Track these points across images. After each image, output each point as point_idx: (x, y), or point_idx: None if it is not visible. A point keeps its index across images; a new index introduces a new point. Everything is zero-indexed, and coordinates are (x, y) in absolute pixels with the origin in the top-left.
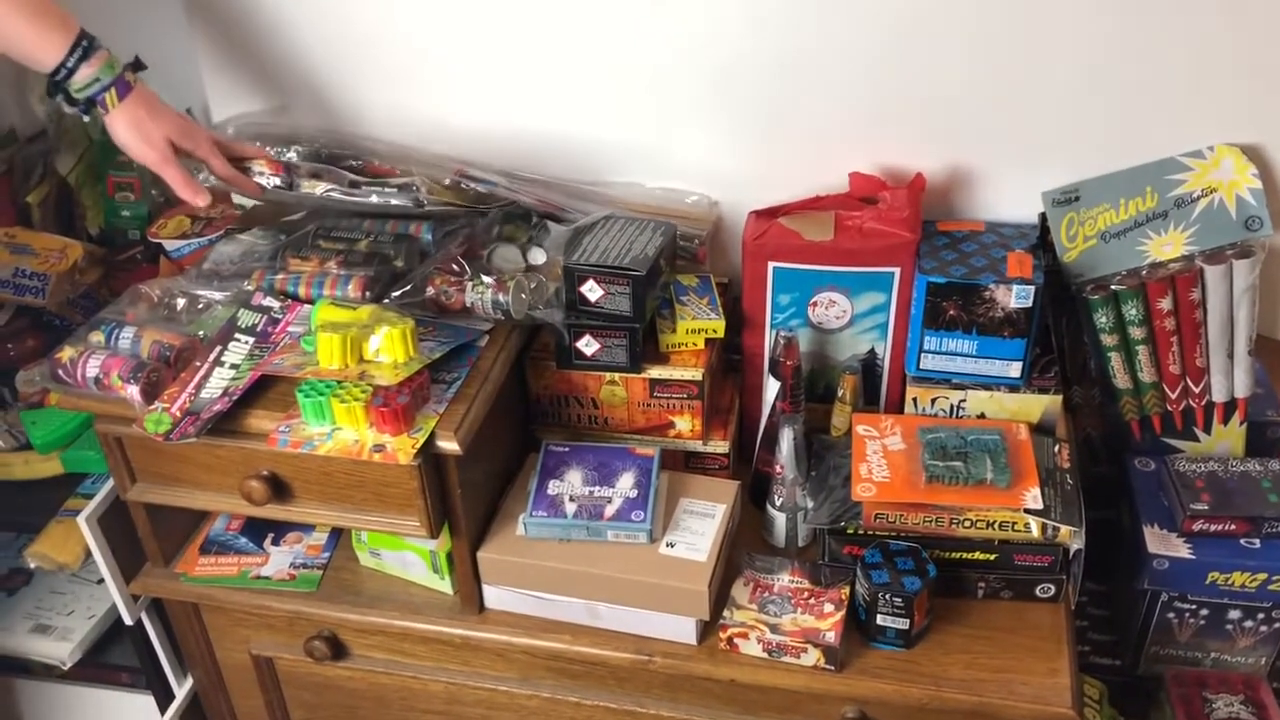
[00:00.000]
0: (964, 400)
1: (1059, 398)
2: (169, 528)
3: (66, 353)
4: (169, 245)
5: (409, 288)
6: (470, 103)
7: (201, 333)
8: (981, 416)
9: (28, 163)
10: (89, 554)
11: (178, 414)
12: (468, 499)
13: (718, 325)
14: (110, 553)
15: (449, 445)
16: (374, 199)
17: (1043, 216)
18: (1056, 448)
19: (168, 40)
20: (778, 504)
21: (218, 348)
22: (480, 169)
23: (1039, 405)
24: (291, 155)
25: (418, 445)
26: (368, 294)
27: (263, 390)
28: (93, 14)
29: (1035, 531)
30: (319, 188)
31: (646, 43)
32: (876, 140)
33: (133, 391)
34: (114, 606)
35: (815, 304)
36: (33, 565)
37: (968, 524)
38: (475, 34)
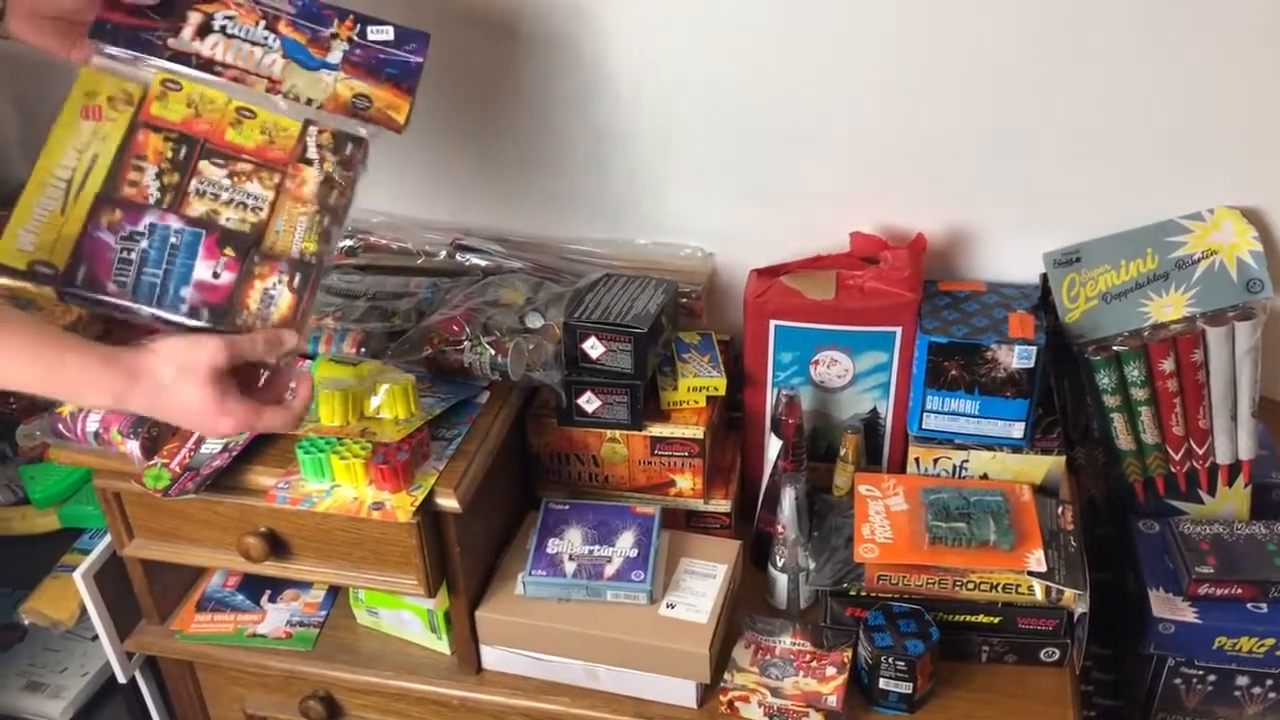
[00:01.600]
0: (966, 460)
1: (1062, 459)
2: (166, 584)
3: (67, 408)
4: None
5: (406, 346)
6: (465, 166)
7: None
8: (984, 477)
9: None
10: (84, 610)
11: (177, 469)
12: (466, 557)
13: (719, 383)
14: (105, 609)
15: (448, 503)
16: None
17: (1044, 277)
18: (1060, 509)
19: None
20: (779, 565)
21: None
22: (476, 235)
23: (1042, 466)
24: None
25: (417, 503)
26: (363, 350)
27: (262, 446)
28: None
29: (1039, 594)
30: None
31: (642, 99)
32: (877, 200)
33: (132, 447)
34: (108, 664)
35: (817, 363)
36: (27, 622)
37: (971, 586)
38: (463, 102)
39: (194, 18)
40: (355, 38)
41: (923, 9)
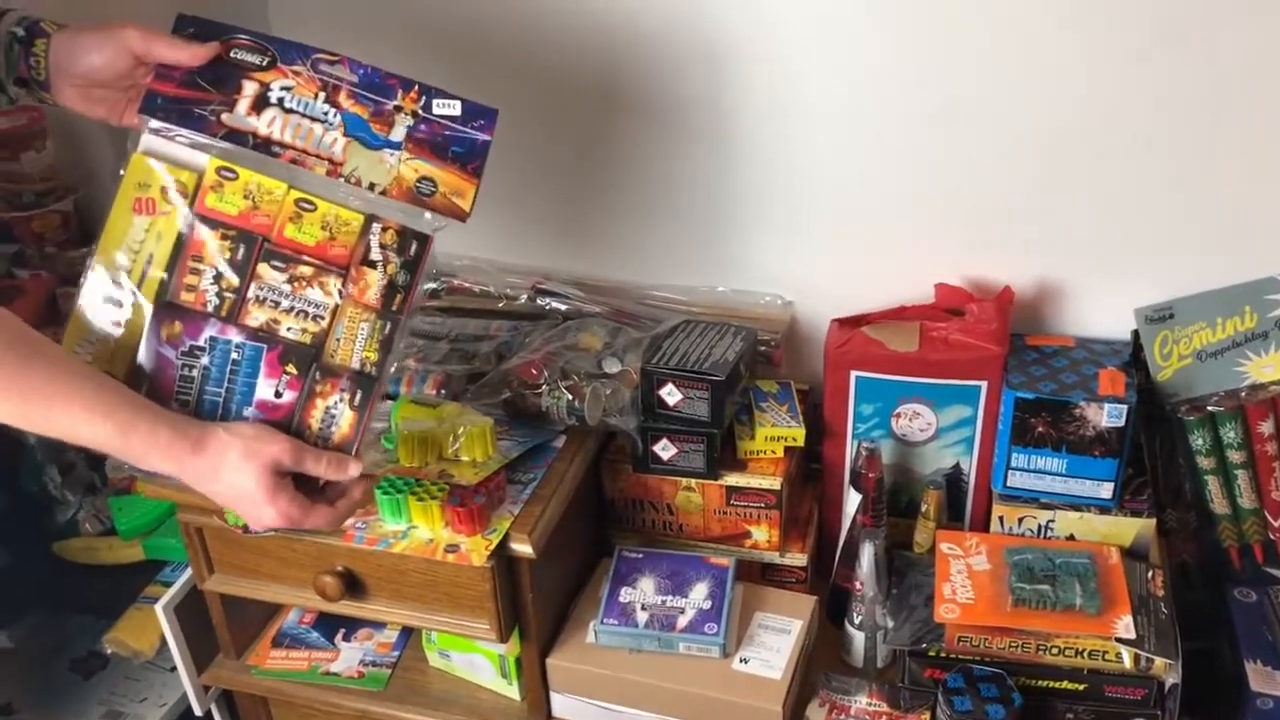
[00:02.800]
0: (1052, 520)
1: (1152, 521)
2: (243, 618)
3: None
4: None
5: (486, 388)
6: (547, 211)
7: None
8: (1070, 538)
9: None
10: (164, 642)
11: None
12: (539, 603)
13: (798, 433)
14: (184, 642)
15: (523, 548)
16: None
17: (1135, 333)
18: (1150, 574)
19: None
20: (856, 622)
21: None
22: (556, 279)
23: (1131, 529)
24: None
25: (491, 547)
26: (443, 392)
27: None
28: None
29: (1128, 662)
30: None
31: (728, 147)
32: (963, 251)
33: None
34: (185, 696)
35: (899, 415)
36: (109, 651)
37: (1055, 651)
38: (552, 149)
39: (249, 88)
40: (420, 111)
41: (1013, 65)
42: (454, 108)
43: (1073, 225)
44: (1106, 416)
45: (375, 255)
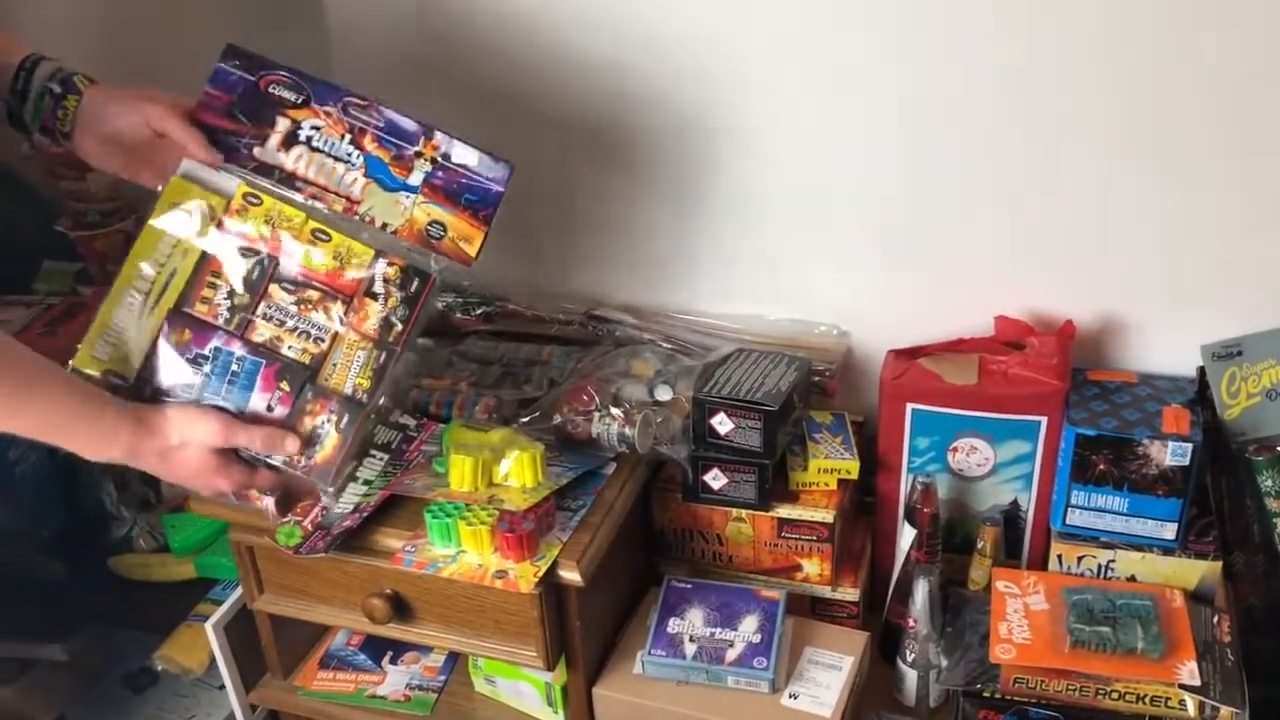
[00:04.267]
0: (1113, 560)
1: (1218, 564)
2: (292, 638)
3: None
4: None
5: (537, 414)
6: (601, 236)
7: None
8: (1132, 579)
9: None
10: (213, 659)
11: (309, 527)
12: (586, 631)
13: (851, 466)
14: (233, 661)
15: (571, 575)
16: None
17: (1201, 370)
18: (1215, 618)
19: None
20: (909, 660)
21: (353, 463)
22: (609, 305)
23: (1196, 571)
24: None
25: (540, 574)
26: (494, 416)
27: (392, 508)
28: None
29: (1192, 710)
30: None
31: (785, 174)
32: (1024, 284)
33: (268, 503)
34: (232, 714)
35: (955, 450)
36: (160, 667)
37: (1115, 696)
38: (609, 179)
39: (282, 124)
40: (439, 158)
41: (1076, 95)
42: (471, 158)
43: (1137, 258)
44: (1170, 455)
45: (378, 288)
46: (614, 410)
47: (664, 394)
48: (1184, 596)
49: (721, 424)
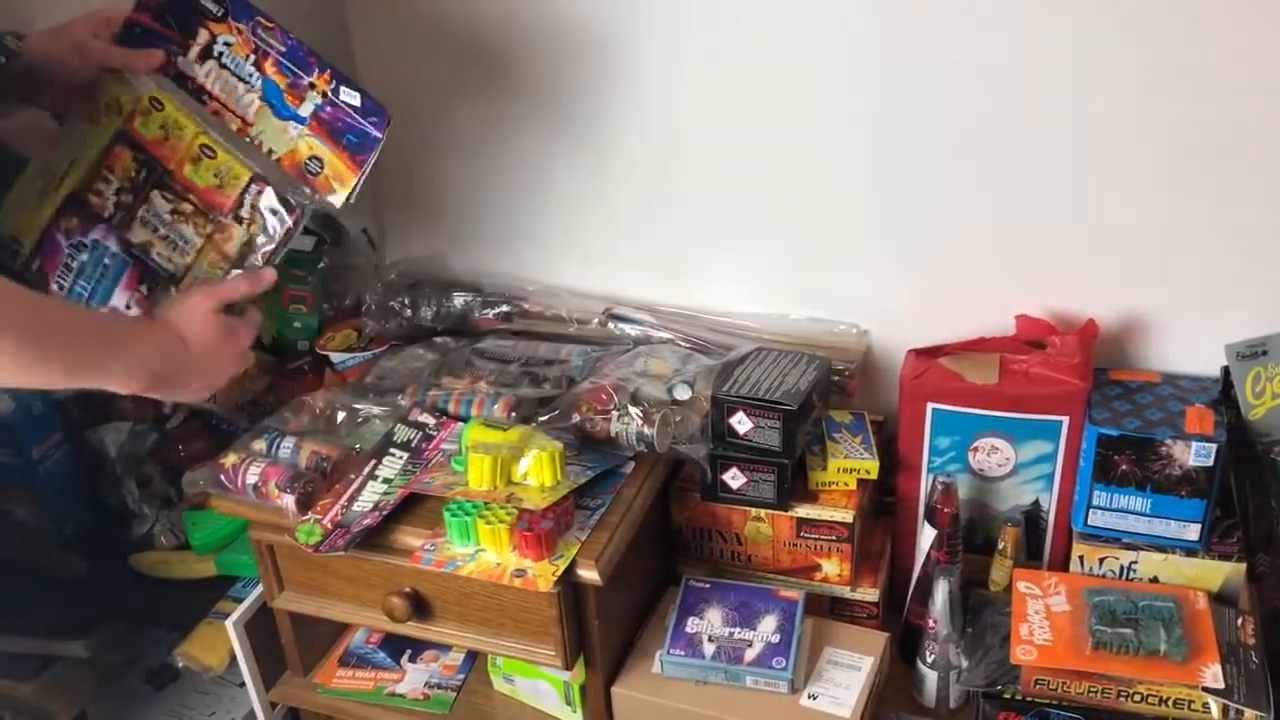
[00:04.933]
0: (1135, 562)
1: (1242, 566)
2: (311, 636)
3: (230, 458)
4: (335, 357)
5: (556, 412)
6: (618, 235)
7: (358, 445)
8: (1154, 581)
9: None
10: (234, 657)
11: (329, 526)
12: (605, 631)
13: (871, 465)
14: (254, 658)
15: (589, 574)
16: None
17: (1225, 370)
18: (1239, 620)
19: None
20: (929, 661)
21: (372, 461)
22: (628, 305)
23: (1219, 573)
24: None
25: (558, 573)
26: (514, 415)
27: (411, 506)
28: None
29: (1215, 713)
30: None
31: (804, 172)
32: (1046, 283)
33: (288, 501)
34: (252, 712)
35: (976, 449)
36: (180, 665)
37: (1138, 698)
38: (628, 179)
39: (203, 36)
40: (329, 93)
41: (1099, 94)
42: (355, 98)
43: (1160, 257)
44: (1194, 455)
45: (245, 213)
46: (633, 409)
47: (683, 393)
48: (1207, 598)
49: (740, 423)
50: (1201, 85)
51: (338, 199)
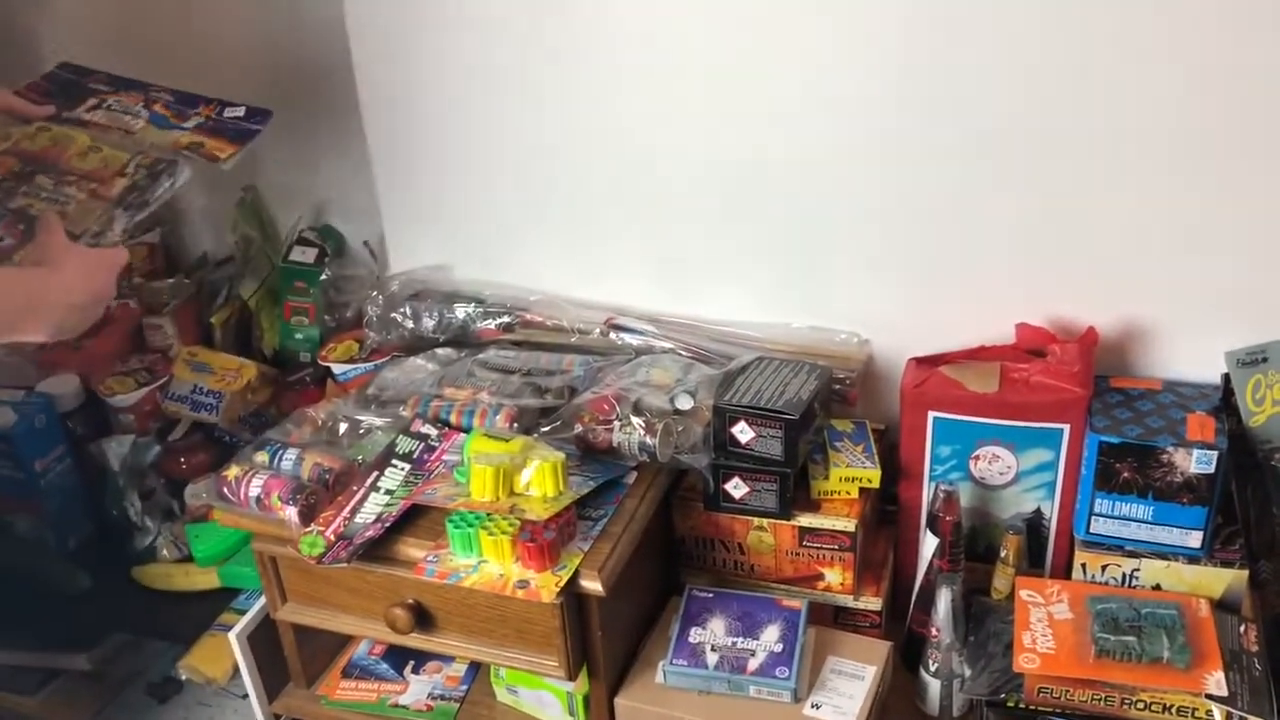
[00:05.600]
0: (1138, 569)
1: (1244, 573)
2: (315, 648)
3: (233, 471)
4: (336, 369)
5: (558, 423)
6: (620, 246)
7: (360, 457)
8: (1157, 588)
9: (214, 286)
10: (237, 669)
11: (331, 538)
12: (608, 641)
13: (873, 474)
14: (257, 670)
15: (592, 585)
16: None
17: (1226, 377)
18: (1242, 628)
19: (361, 186)
20: (932, 669)
21: (374, 473)
22: (629, 315)
23: (1221, 580)
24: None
25: (561, 583)
26: (515, 426)
27: (414, 517)
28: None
29: None
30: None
31: (804, 183)
32: (1046, 291)
33: (291, 513)
34: None
35: (978, 458)
36: (184, 677)
37: (1141, 706)
38: (630, 189)
39: (91, 101)
40: (213, 115)
41: (1101, 103)
42: (239, 110)
43: (1161, 265)
44: (1195, 463)
45: (129, 170)
46: (635, 419)
47: (685, 403)
48: (1210, 605)
49: (742, 432)
50: (1201, 95)
51: (224, 165)
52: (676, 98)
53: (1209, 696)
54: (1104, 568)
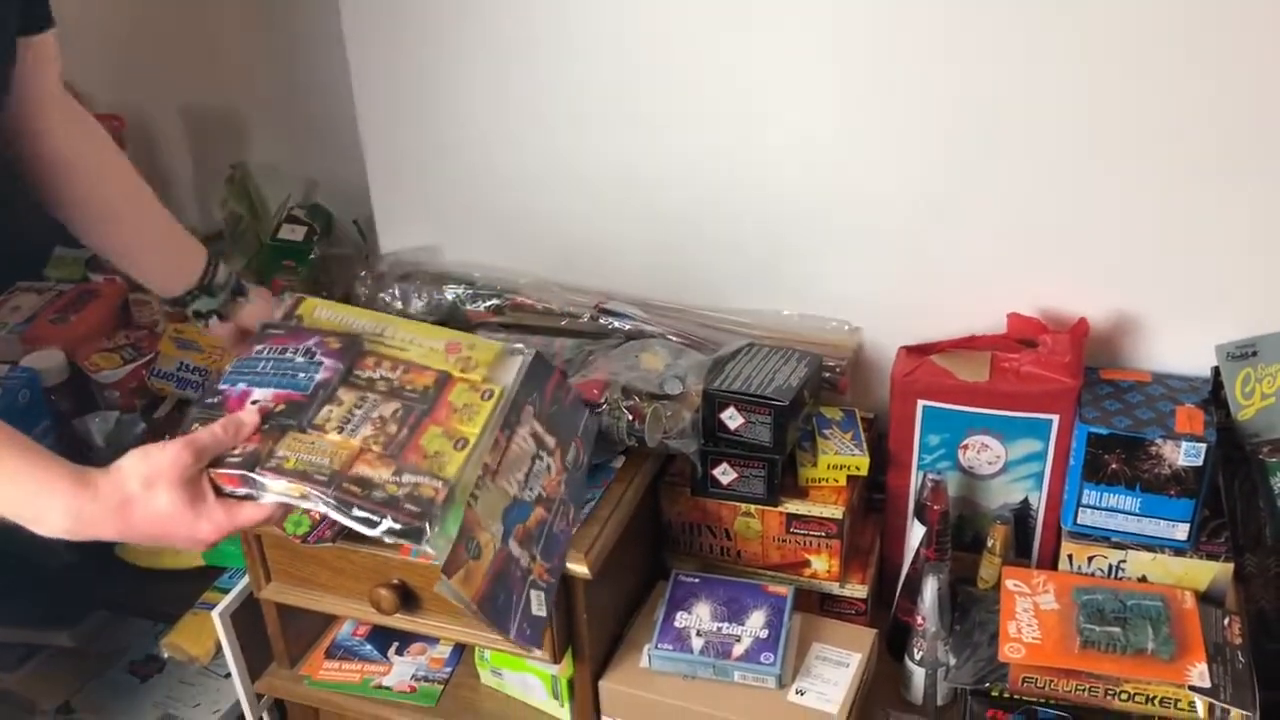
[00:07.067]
0: (1124, 561)
1: (1230, 566)
2: (298, 628)
3: None
4: None
5: None
6: (610, 230)
7: None
8: (1143, 580)
9: None
10: (220, 648)
11: (317, 517)
12: (593, 625)
13: (861, 462)
14: (239, 649)
15: (578, 568)
16: None
17: (1215, 370)
18: (1226, 620)
19: (350, 165)
20: (917, 658)
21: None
22: (619, 299)
23: (1207, 573)
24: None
25: None
26: None
27: None
28: (276, 138)
29: (1201, 712)
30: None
31: (795, 167)
32: (1037, 281)
33: None
34: (238, 703)
35: (966, 447)
36: (166, 655)
37: (1125, 696)
38: (622, 174)
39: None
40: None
41: (1094, 93)
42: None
43: (1153, 257)
44: (1184, 455)
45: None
46: (623, 404)
47: (674, 388)
48: (1195, 598)
49: (731, 419)
50: (1193, 88)
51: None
52: (668, 85)
53: (1192, 688)
54: (1090, 559)
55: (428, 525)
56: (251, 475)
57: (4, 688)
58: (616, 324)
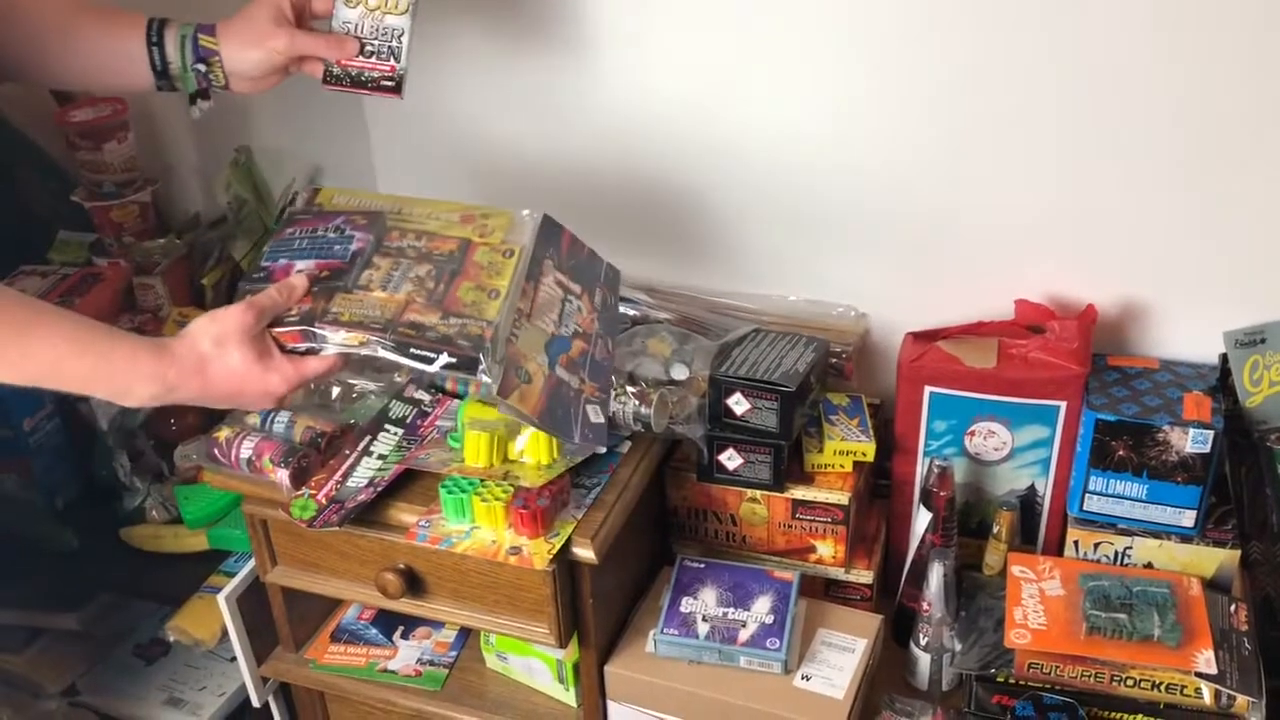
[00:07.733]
0: (1130, 547)
1: (1236, 552)
2: (304, 611)
3: (223, 432)
4: None
5: None
6: (617, 216)
7: (353, 421)
8: (1149, 566)
9: (206, 247)
10: (225, 631)
11: (323, 501)
12: (599, 609)
13: (867, 448)
14: (245, 633)
15: (585, 553)
16: None
17: (1223, 357)
18: (1233, 607)
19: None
20: (922, 643)
21: (367, 437)
22: (626, 285)
23: (1213, 559)
24: None
25: (554, 550)
26: None
27: (406, 482)
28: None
29: (1207, 698)
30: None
31: (803, 155)
32: (1046, 268)
33: (282, 475)
34: (243, 686)
35: (973, 433)
36: (171, 639)
37: (1131, 683)
38: (627, 162)
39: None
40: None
41: (1104, 81)
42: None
43: (1160, 244)
44: (1191, 442)
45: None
46: (630, 389)
47: (680, 373)
48: (1201, 585)
49: (738, 404)
50: (1202, 75)
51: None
52: (672, 71)
53: (1198, 674)
54: (1096, 545)
55: (481, 355)
56: (312, 329)
57: (10, 670)
58: (623, 309)
